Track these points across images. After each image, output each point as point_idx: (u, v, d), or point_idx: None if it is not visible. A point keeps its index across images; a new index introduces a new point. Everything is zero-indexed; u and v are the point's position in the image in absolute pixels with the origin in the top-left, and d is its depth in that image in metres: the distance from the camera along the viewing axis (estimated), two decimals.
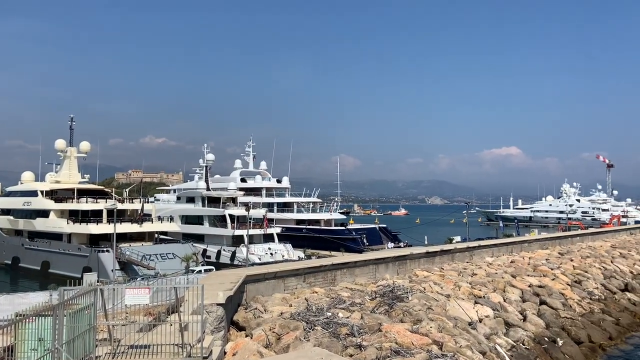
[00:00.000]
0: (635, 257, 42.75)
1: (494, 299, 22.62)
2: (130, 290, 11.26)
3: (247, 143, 74.26)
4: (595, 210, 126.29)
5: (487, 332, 18.39)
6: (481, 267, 29.40)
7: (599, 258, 38.60)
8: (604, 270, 34.76)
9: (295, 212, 68.01)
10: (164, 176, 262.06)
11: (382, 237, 65.81)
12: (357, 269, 23.90)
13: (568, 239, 46.87)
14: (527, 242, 40.46)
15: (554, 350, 19.23)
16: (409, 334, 14.49)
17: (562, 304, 24.69)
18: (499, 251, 35.89)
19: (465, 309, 19.67)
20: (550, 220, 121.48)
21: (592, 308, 26.29)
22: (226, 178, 70.22)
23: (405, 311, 17.31)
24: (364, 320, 15.67)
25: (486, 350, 16.26)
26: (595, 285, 30.26)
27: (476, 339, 16.80)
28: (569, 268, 32.72)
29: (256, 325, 15.14)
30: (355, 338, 13.91)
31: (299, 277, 20.69)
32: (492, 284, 25.18)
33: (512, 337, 18.92)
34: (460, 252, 32.15)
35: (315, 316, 15.53)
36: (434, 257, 29.78)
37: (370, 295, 19.48)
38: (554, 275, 29.59)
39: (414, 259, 28.01)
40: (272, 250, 48.03)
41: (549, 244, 42.74)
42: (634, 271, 37.64)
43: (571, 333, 21.62)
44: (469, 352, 14.58)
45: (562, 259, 35.62)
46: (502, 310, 21.69)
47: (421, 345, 13.75)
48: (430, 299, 19.75)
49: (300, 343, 13.34)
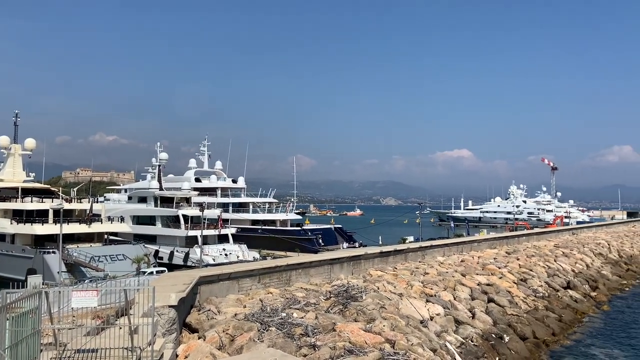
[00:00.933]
0: (577, 256, 44.87)
1: (444, 297, 23.23)
2: (77, 292, 10.90)
3: (202, 142, 73.12)
4: (540, 211, 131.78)
5: (438, 329, 18.87)
6: (433, 267, 30.11)
7: (543, 257, 40.29)
8: (548, 269, 36.32)
9: (250, 213, 67.52)
10: (114, 175, 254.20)
11: (337, 237, 66.25)
12: (312, 269, 24.00)
13: (515, 238, 48.68)
14: (476, 242, 41.75)
15: (501, 346, 19.95)
16: (362, 333, 14.68)
17: (509, 302, 25.65)
18: (450, 251, 36.87)
19: (417, 308, 20.11)
20: (499, 221, 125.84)
21: (536, 305, 27.43)
22: (180, 178, 68.87)
23: (359, 310, 17.53)
24: (318, 320, 15.76)
25: (437, 347, 16.69)
26: (540, 283, 31.57)
27: (427, 337, 17.22)
28: (515, 267, 34.00)
29: (209, 327, 14.97)
30: (310, 338, 13.98)
31: (253, 278, 20.58)
32: (443, 282, 25.84)
33: (461, 334, 19.50)
34: (413, 251, 32.83)
35: (270, 317, 15.49)
36: (388, 257, 30.29)
37: (325, 295, 19.60)
38: (501, 274, 30.68)
39: (369, 258, 28.40)
40: (227, 251, 47.48)
41: (497, 243, 44.27)
42: (576, 270, 39.51)
43: (517, 329, 22.48)
44: (420, 350, 14.93)
45: (509, 258, 36.97)
46: (453, 308, 22.31)
47: (374, 344, 13.96)
48: (383, 298, 20.07)
49: (254, 344, 13.28)
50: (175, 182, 64.51)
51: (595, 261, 45.68)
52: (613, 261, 49.26)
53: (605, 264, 46.54)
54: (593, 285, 36.94)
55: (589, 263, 43.72)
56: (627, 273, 46.08)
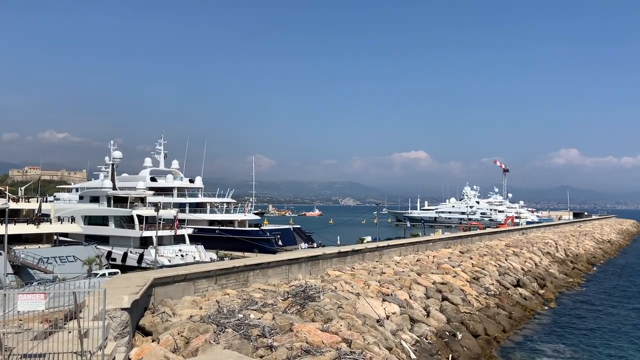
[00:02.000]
0: (526, 255, 46.60)
1: (400, 296, 23.63)
2: (24, 295, 10.46)
3: (158, 141, 71.41)
4: (492, 211, 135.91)
5: (394, 328, 19.19)
6: (389, 266, 30.57)
7: (495, 256, 41.63)
8: (499, 268, 37.56)
9: (208, 213, 66.54)
10: (65, 174, 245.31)
11: (296, 237, 66.15)
12: (270, 269, 23.92)
13: (468, 238, 50.07)
14: (432, 242, 42.68)
15: (454, 343, 20.47)
16: (319, 333, 14.74)
17: (462, 300, 26.36)
18: (406, 250, 37.53)
19: (374, 307, 20.37)
20: (453, 221, 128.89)
21: (488, 303, 28.30)
22: (135, 177, 67.07)
23: (317, 310, 17.60)
24: (275, 320, 15.73)
25: (392, 346, 16.97)
26: (491, 282, 32.60)
27: (383, 336, 17.48)
28: (468, 266, 34.97)
29: (164, 329, 14.68)
30: (267, 339, 13.93)
31: (210, 279, 20.31)
32: (400, 281, 26.28)
33: (416, 332, 19.89)
34: (370, 251, 33.23)
35: (227, 318, 15.35)
36: (346, 257, 30.54)
37: (282, 296, 19.57)
38: (455, 273, 31.49)
39: (327, 259, 28.55)
40: (183, 252, 46.58)
41: (452, 243, 45.41)
42: (525, 268, 41.03)
43: (469, 327, 23.13)
44: (376, 349, 15.13)
45: (463, 257, 37.99)
46: (408, 306, 22.72)
47: (331, 344, 14.06)
48: (341, 297, 20.22)
49: (210, 346, 13.11)
50: (130, 182, 62.77)
51: (544, 260, 47.57)
52: (560, 260, 51.43)
53: (553, 262, 48.54)
54: (541, 283, 38.45)
55: (538, 262, 45.49)
56: (573, 271, 48.22)
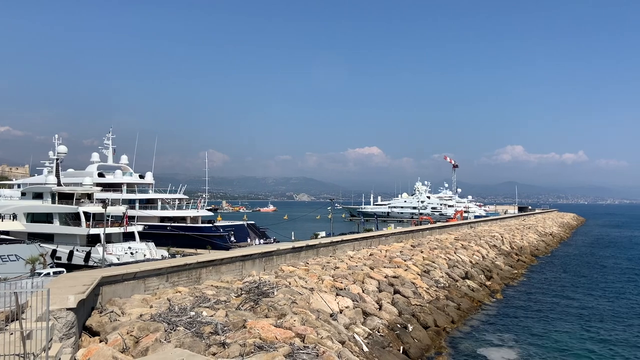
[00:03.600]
0: (474, 248, 48.18)
1: (354, 290, 23.94)
2: None
3: (106, 135, 68.93)
4: (442, 206, 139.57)
5: (347, 322, 19.43)
6: (343, 261, 30.89)
7: (445, 249, 42.82)
8: (449, 261, 38.66)
9: (159, 210, 65.03)
10: (5, 169, 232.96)
11: (250, 233, 65.69)
12: (224, 266, 23.68)
13: (419, 232, 51.25)
14: (384, 236, 43.42)
15: (405, 335, 20.95)
16: (273, 329, 14.74)
17: (413, 292, 27.00)
18: (359, 245, 38.02)
19: (327, 301, 20.55)
20: (405, 215, 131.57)
21: (438, 295, 29.11)
22: (81, 172, 64.55)
23: (271, 306, 17.57)
24: (228, 317, 15.60)
25: (345, 339, 17.18)
26: (441, 274, 33.53)
27: (336, 330, 17.67)
28: (419, 259, 35.82)
29: (112, 329, 14.28)
30: (219, 336, 13.80)
31: (161, 277, 19.90)
32: (353, 276, 26.61)
33: (369, 325, 20.22)
34: (324, 246, 33.45)
35: (178, 316, 15.10)
36: (300, 253, 30.62)
37: (236, 293, 19.44)
38: (406, 266, 32.18)
39: (281, 254, 28.53)
40: (133, 250, 45.31)
41: (404, 237, 46.37)
42: (473, 261, 42.42)
43: (420, 319, 23.72)
44: (329, 343, 15.29)
45: (414, 251, 38.87)
46: (361, 300, 23.06)
47: (284, 339, 14.09)
48: (295, 293, 20.28)
49: (160, 345, 12.86)
50: (76, 177, 60.35)
51: (490, 252, 49.34)
52: (505, 252, 53.51)
53: (499, 255, 50.44)
54: (488, 275, 39.87)
55: (485, 254, 47.14)
56: (517, 263, 50.27)
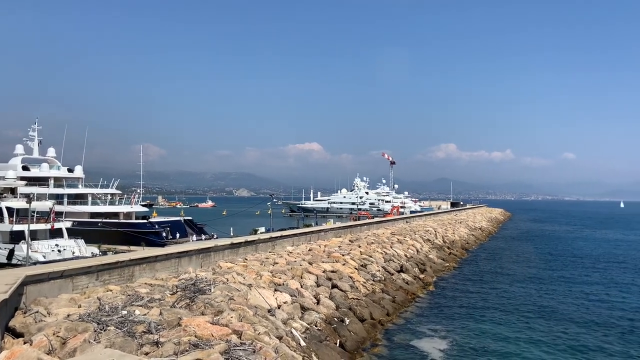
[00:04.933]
0: (409, 242, 49.66)
1: (292, 285, 24.04)
2: None
3: (32, 126, 64.89)
4: (380, 201, 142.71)
5: (285, 317, 19.50)
6: (282, 256, 30.93)
7: (381, 244, 43.84)
8: (385, 255, 39.64)
9: (89, 205, 62.15)
10: None
11: (187, 229, 64.18)
12: (158, 263, 23.07)
13: (357, 227, 52.14)
14: (323, 232, 43.84)
15: (342, 328, 21.31)
16: (209, 326, 14.54)
17: (350, 286, 27.48)
18: (299, 240, 38.19)
19: (265, 297, 20.52)
20: (344, 211, 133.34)
21: (374, 288, 29.79)
22: (4, 165, 60.50)
23: (207, 303, 17.32)
24: (163, 316, 15.23)
25: (283, 334, 17.24)
26: (378, 268, 34.33)
27: (274, 325, 17.69)
28: (357, 254, 36.47)
29: (37, 330, 13.57)
30: (153, 335, 13.45)
31: (91, 275, 19.11)
32: (292, 271, 26.71)
33: (306, 320, 20.38)
34: (263, 242, 33.33)
35: (109, 316, 14.57)
36: (239, 248, 30.36)
37: (171, 290, 19.00)
38: (344, 261, 32.69)
39: (219, 250, 28.16)
40: (60, 247, 43.11)
41: (342, 232, 47.02)
42: (408, 255, 43.73)
43: (356, 312, 24.20)
44: (267, 338, 15.28)
45: (352, 246, 39.53)
46: (299, 295, 23.20)
47: (221, 336, 13.93)
48: (232, 289, 20.09)
49: (89, 345, 12.37)
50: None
51: (424, 246, 51.06)
52: (438, 246, 55.54)
53: (432, 248, 52.29)
54: (422, 268, 41.25)
55: (419, 248, 48.71)
56: (449, 256, 52.31)
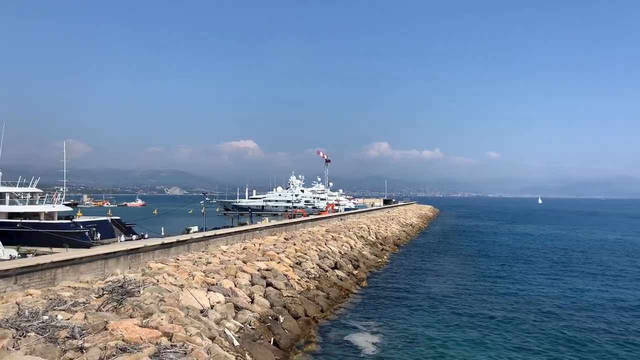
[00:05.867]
0: (343, 239, 50.45)
1: (225, 285, 23.76)
2: None
3: None
4: (315, 199, 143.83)
5: (218, 317, 19.25)
6: (216, 256, 30.47)
7: (316, 241, 44.26)
8: (320, 252, 40.06)
9: (7, 205, 58.19)
10: None
11: (114, 230, 61.62)
12: (83, 265, 22.03)
13: (293, 225, 52.27)
14: (258, 230, 43.59)
15: (276, 327, 21.33)
16: (138, 329, 14.11)
17: (285, 284, 27.55)
18: (233, 239, 37.75)
19: (198, 298, 20.15)
20: (280, 209, 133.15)
21: (309, 286, 30.04)
22: None
23: (136, 306, 16.79)
24: (87, 320, 14.61)
25: (216, 335, 17.02)
26: (312, 265, 34.63)
27: (207, 326, 17.43)
28: (292, 252, 36.60)
29: None
30: (77, 340, 12.88)
31: (8, 279, 17.95)
32: (225, 270, 26.39)
33: (240, 319, 20.23)
34: (196, 241, 32.67)
35: (29, 321, 13.78)
36: (170, 248, 29.58)
37: (96, 293, 18.23)
38: (279, 259, 32.71)
39: (148, 251, 27.30)
40: None
41: (277, 230, 46.97)
42: (342, 251, 44.43)
43: (291, 310, 24.30)
44: (199, 340, 15.04)
45: (287, 244, 39.61)
46: (233, 295, 22.98)
47: (150, 339, 13.57)
48: (163, 290, 19.58)
49: (7, 353, 11.64)
50: None
51: (358, 243, 52.08)
52: (371, 242, 56.86)
53: (366, 245, 53.46)
54: (355, 264, 42.06)
55: (353, 245, 49.63)
56: (381, 252, 53.71)
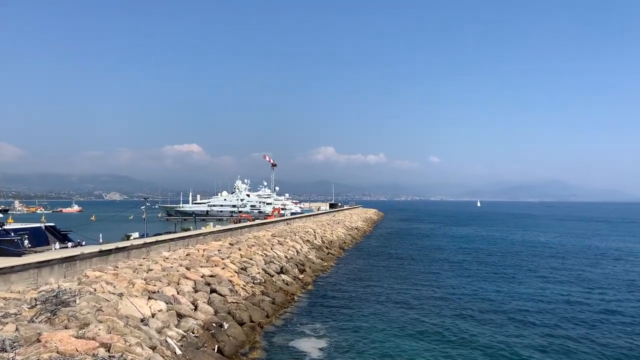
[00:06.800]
0: (289, 243, 50.44)
1: (168, 292, 23.18)
2: None
3: None
4: (261, 204, 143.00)
5: (160, 326, 18.75)
6: (157, 262, 29.66)
7: (262, 246, 44.01)
8: (265, 257, 39.86)
9: None
10: None
11: (49, 237, 58.70)
12: (14, 274, 20.83)
13: (238, 230, 51.71)
14: (202, 235, 42.78)
15: (220, 334, 21.03)
16: (73, 341, 13.53)
17: (230, 290, 27.21)
18: (176, 245, 36.86)
19: (138, 306, 19.55)
20: (225, 214, 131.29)
21: (254, 291, 29.81)
22: None
23: (72, 316, 16.10)
24: (19, 332, 13.86)
25: (157, 344, 16.57)
26: (258, 270, 34.41)
27: (147, 335, 16.94)
28: (237, 257, 36.21)
29: None
30: (8, 353, 12.19)
31: None
32: (167, 278, 25.74)
33: (183, 327, 19.79)
34: (137, 248, 31.67)
35: None
36: (108, 256, 28.51)
37: (29, 304, 17.32)
38: (224, 265, 32.28)
39: (85, 259, 26.19)
40: None
41: (222, 235, 46.29)
42: (288, 256, 44.42)
43: (236, 316, 24.03)
44: (139, 349, 14.61)
45: (232, 249, 39.15)
46: (176, 302, 22.45)
47: (87, 350, 13.05)
48: (101, 299, 18.86)
49: None
50: None
51: (304, 247, 52.22)
52: (317, 246, 57.17)
53: (312, 249, 53.68)
54: (301, 268, 42.16)
55: (299, 249, 49.72)
56: (327, 256, 54.10)
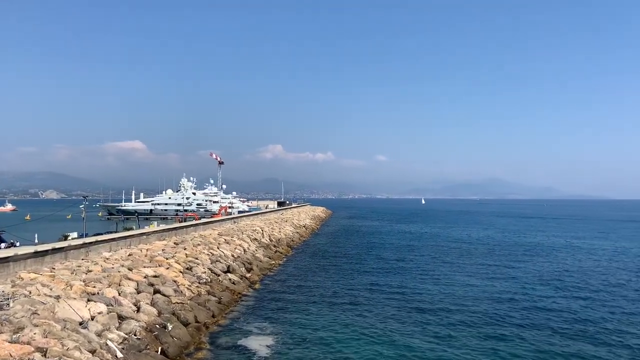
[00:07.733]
0: (236, 242, 49.95)
1: (108, 294, 22.44)
2: None
3: None
4: (208, 202, 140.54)
5: (99, 329, 18.14)
6: (97, 263, 28.63)
7: (208, 245, 43.36)
8: (212, 256, 39.31)
9: None
10: None
11: None
12: None
13: (184, 229, 50.68)
14: (145, 235, 41.62)
15: (164, 335, 20.58)
16: (7, 345, 12.90)
17: (174, 291, 26.66)
18: (117, 245, 35.69)
19: (76, 309, 18.82)
20: (170, 213, 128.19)
21: (200, 291, 29.35)
22: None
23: (5, 320, 15.31)
24: None
25: (96, 347, 16.04)
26: (204, 270, 33.89)
27: (86, 338, 16.36)
28: (182, 256, 35.49)
29: None
30: None
31: None
32: (108, 279, 24.91)
33: (124, 329, 19.23)
34: (75, 249, 30.44)
35: None
36: (45, 257, 27.23)
37: None
38: (168, 265, 31.57)
39: (19, 260, 24.90)
40: None
41: (167, 235, 45.23)
42: (235, 254, 43.99)
43: (180, 317, 23.58)
44: (77, 353, 14.10)
45: (177, 249, 38.34)
46: (117, 304, 21.77)
47: (21, 355, 12.48)
48: (36, 303, 18.01)
49: None
50: None
51: (251, 246, 51.88)
52: (265, 245, 56.94)
53: (259, 247, 53.40)
54: (248, 267, 41.88)
55: (246, 248, 49.35)
56: (275, 254, 54.00)
